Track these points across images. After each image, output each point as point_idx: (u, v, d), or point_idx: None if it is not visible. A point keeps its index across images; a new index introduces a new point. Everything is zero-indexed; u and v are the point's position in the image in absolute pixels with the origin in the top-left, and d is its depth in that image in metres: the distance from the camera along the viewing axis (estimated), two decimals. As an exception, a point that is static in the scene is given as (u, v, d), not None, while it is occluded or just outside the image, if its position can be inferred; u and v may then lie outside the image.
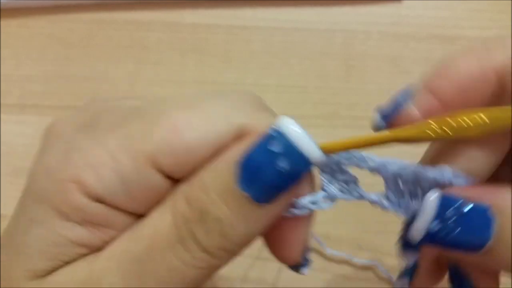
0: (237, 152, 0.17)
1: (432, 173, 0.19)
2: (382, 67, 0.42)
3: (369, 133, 0.19)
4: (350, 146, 0.18)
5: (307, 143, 0.17)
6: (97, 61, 0.42)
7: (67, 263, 0.17)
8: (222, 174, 0.17)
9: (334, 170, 0.20)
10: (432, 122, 0.18)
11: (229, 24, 0.43)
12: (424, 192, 0.19)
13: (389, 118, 0.20)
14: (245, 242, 0.17)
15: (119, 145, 0.17)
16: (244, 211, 0.17)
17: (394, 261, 0.36)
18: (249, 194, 0.16)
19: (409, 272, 0.22)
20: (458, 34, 0.42)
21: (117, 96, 0.21)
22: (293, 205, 0.19)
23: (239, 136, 0.17)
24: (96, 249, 0.17)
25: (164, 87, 0.41)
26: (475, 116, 0.18)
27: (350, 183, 0.20)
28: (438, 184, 0.19)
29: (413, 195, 0.19)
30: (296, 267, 0.21)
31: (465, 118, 0.18)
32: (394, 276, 0.35)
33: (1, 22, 0.43)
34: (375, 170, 0.19)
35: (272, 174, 0.16)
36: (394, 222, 0.21)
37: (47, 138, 0.19)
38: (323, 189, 0.20)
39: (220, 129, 0.17)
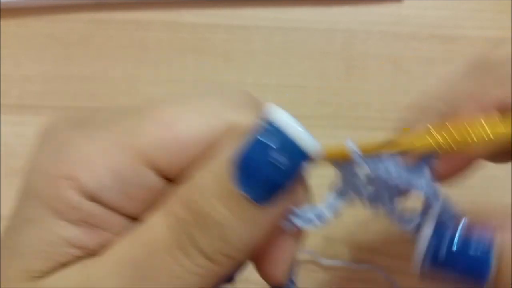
0: (231, 150, 0.16)
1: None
2: (382, 67, 0.42)
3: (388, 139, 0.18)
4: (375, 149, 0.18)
5: (302, 134, 0.16)
6: (97, 61, 0.42)
7: (63, 264, 0.17)
8: (218, 174, 0.16)
9: (353, 176, 0.19)
10: (438, 136, 0.18)
11: (229, 24, 0.43)
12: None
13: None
14: (246, 248, 0.17)
15: (111, 141, 0.16)
16: (244, 212, 0.16)
17: (392, 262, 0.36)
18: (247, 193, 0.16)
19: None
20: (459, 34, 0.42)
21: None
22: (294, 214, 0.18)
23: (224, 130, 0.17)
24: (91, 251, 0.17)
25: (164, 87, 0.41)
26: (481, 131, 0.17)
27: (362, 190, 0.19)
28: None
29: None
30: None
31: (471, 133, 0.17)
32: (392, 276, 0.35)
33: (0, 22, 0.43)
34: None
35: (268, 169, 0.16)
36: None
37: (41, 138, 0.18)
38: (337, 192, 0.19)
39: (213, 124, 0.17)
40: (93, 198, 0.16)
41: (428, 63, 0.42)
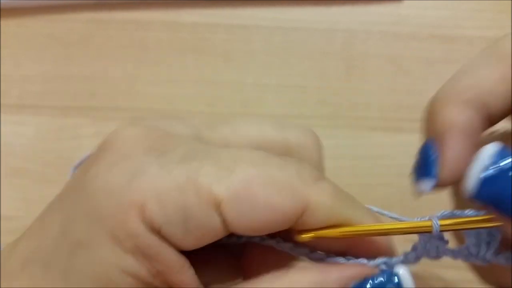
0: (348, 279, 0.18)
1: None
2: (382, 67, 0.42)
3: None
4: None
5: None
6: (96, 61, 0.42)
7: None
8: None
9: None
10: None
11: (229, 24, 0.43)
12: (494, 237, 0.19)
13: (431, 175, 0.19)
14: None
15: (188, 179, 0.17)
16: None
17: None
18: None
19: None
20: (459, 34, 0.42)
21: (171, 116, 0.20)
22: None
23: (301, 209, 0.17)
24: (142, 280, 0.17)
25: (164, 87, 0.41)
26: None
27: (440, 247, 0.20)
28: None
29: (488, 242, 0.19)
30: None
31: None
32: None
33: (0, 22, 0.43)
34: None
35: None
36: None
37: (109, 152, 0.18)
38: (414, 249, 0.20)
39: (287, 202, 0.17)
40: (155, 230, 0.17)
41: (428, 63, 0.41)
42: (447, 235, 0.20)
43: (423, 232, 0.19)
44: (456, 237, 0.23)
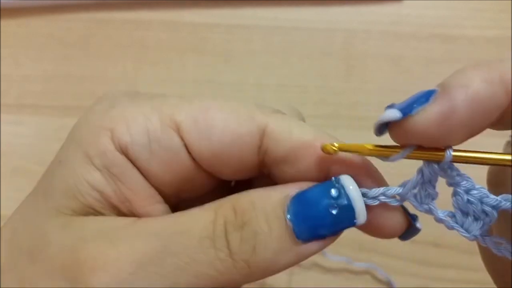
0: (293, 187, 0.18)
1: (494, 200, 0.19)
2: (382, 66, 0.42)
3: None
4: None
5: (361, 206, 0.18)
6: (96, 60, 0.42)
7: (87, 206, 0.19)
8: (274, 198, 0.18)
9: (425, 181, 0.20)
10: None
11: (229, 24, 0.43)
12: (487, 215, 0.19)
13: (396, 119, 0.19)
14: (267, 270, 0.18)
15: (153, 109, 0.19)
16: (281, 237, 0.17)
17: (392, 262, 0.36)
18: (293, 225, 0.17)
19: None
20: (459, 34, 0.42)
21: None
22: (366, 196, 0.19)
23: (259, 133, 0.19)
24: (108, 200, 0.19)
25: (164, 86, 0.41)
26: None
27: (427, 197, 0.20)
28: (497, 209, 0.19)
29: (476, 218, 0.19)
30: (406, 234, 0.20)
31: None
32: (393, 277, 0.35)
33: (1, 22, 0.43)
34: (455, 184, 0.19)
35: (321, 217, 0.18)
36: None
37: (96, 101, 0.21)
38: (401, 187, 0.20)
39: (243, 125, 0.19)
40: (122, 150, 0.19)
41: (428, 62, 0.41)
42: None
43: (435, 159, 0.18)
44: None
